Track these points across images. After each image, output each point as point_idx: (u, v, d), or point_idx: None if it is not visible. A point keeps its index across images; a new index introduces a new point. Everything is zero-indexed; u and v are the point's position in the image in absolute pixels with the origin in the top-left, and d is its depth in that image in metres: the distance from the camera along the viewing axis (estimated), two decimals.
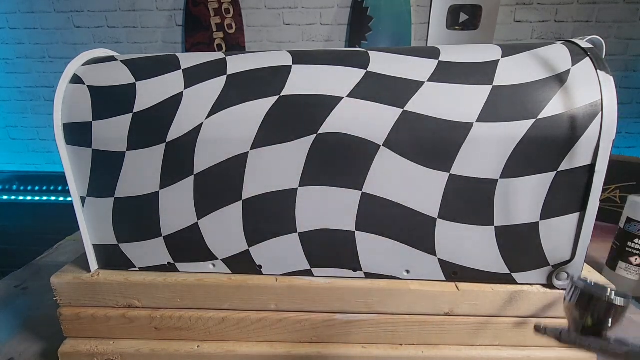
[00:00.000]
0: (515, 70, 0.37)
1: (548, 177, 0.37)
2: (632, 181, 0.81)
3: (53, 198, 1.80)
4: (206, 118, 0.39)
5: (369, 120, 0.37)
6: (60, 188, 1.82)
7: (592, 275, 0.41)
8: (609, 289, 0.22)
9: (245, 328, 0.43)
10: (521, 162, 0.36)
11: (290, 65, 0.40)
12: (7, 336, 0.51)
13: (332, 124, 0.37)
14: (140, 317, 0.43)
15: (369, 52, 0.41)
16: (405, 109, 0.37)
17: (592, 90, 0.35)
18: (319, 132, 0.38)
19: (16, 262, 0.72)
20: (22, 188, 1.85)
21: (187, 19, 1.72)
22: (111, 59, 0.44)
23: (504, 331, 0.41)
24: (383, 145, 0.37)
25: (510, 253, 0.39)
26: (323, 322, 0.42)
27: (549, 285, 0.40)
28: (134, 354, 0.44)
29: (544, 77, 0.37)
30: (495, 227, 0.39)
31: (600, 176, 0.36)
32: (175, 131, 0.39)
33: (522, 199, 0.38)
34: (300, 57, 0.41)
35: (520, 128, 0.36)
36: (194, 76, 0.41)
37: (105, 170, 0.41)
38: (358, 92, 0.38)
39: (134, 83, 0.41)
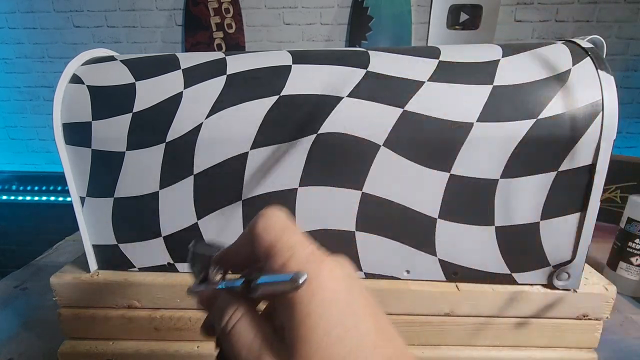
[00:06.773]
0: (515, 70, 0.37)
1: (549, 177, 0.37)
2: (632, 181, 0.81)
3: (53, 198, 1.80)
4: (206, 118, 0.39)
5: (369, 120, 0.37)
6: (59, 188, 1.82)
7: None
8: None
9: None
10: (522, 162, 0.36)
11: (290, 65, 0.40)
12: (7, 336, 0.51)
13: (332, 124, 0.37)
14: (140, 318, 0.43)
15: (369, 52, 0.41)
16: (405, 108, 0.37)
17: (592, 90, 0.35)
18: (319, 132, 0.37)
19: (16, 262, 0.72)
20: (21, 188, 1.85)
21: (187, 19, 1.72)
22: (111, 58, 0.44)
23: (505, 331, 0.41)
24: (383, 145, 0.37)
25: (511, 253, 0.39)
26: None
27: (550, 285, 0.40)
28: (134, 354, 0.43)
29: (545, 77, 0.36)
30: (496, 227, 0.39)
31: (601, 176, 0.35)
32: (175, 131, 0.39)
33: (522, 199, 0.37)
34: (300, 57, 0.41)
35: (520, 128, 0.36)
36: (193, 76, 0.40)
37: (104, 170, 0.41)
38: (358, 92, 0.38)
39: (134, 83, 0.41)
